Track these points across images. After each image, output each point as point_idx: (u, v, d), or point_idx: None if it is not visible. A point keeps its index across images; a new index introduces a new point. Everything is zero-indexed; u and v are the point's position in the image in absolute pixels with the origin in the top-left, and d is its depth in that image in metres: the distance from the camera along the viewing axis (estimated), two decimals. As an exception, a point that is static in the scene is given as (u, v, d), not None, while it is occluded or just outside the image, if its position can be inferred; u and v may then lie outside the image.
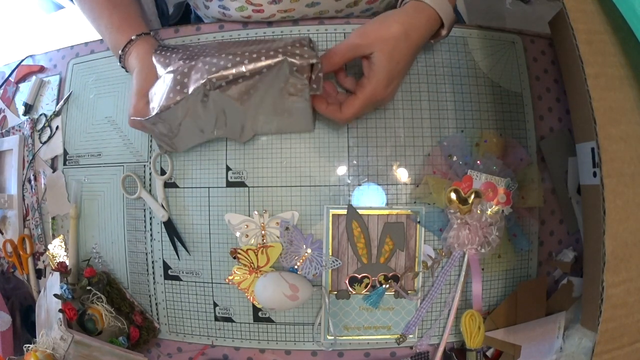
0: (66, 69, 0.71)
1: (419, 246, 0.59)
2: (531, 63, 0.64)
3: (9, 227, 0.73)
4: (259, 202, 0.60)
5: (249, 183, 0.61)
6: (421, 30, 0.52)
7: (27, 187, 0.72)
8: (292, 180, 0.60)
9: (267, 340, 0.62)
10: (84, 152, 0.68)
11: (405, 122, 0.60)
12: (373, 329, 0.61)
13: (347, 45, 0.52)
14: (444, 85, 0.61)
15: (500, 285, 0.61)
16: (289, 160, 0.60)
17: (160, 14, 0.91)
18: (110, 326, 0.61)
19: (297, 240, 0.59)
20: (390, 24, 0.51)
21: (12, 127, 0.74)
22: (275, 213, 0.60)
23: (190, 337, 0.64)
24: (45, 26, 1.25)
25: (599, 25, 0.46)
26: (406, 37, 0.50)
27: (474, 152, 0.59)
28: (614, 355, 0.45)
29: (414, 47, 0.52)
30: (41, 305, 0.64)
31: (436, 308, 0.61)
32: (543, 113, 0.63)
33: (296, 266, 0.59)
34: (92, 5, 0.60)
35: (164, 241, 0.64)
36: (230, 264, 0.61)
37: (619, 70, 0.46)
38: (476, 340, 0.58)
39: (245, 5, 0.60)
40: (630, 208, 0.44)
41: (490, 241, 0.57)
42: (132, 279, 0.66)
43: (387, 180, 0.60)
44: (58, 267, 0.64)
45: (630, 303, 0.45)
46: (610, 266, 0.43)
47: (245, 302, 0.62)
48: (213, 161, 0.62)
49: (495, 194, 0.57)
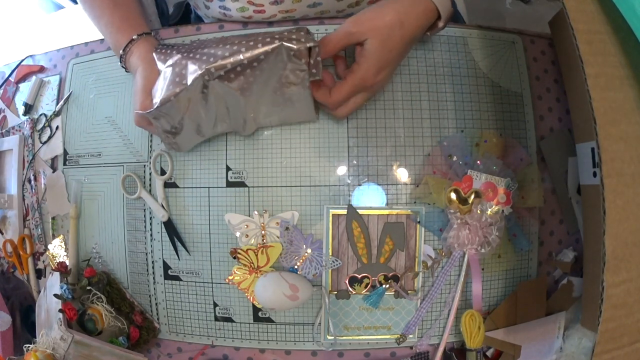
0: (66, 69, 0.71)
1: (419, 246, 0.59)
2: (531, 63, 0.64)
3: (9, 227, 0.73)
4: (259, 202, 0.60)
5: (249, 183, 0.61)
6: (417, 21, 0.51)
7: (27, 187, 0.72)
8: (292, 180, 0.60)
9: (267, 340, 0.62)
10: (84, 152, 0.68)
11: (405, 122, 0.60)
12: (373, 329, 0.61)
13: (341, 33, 0.52)
14: (444, 85, 0.61)
15: (500, 285, 0.61)
16: (289, 160, 0.60)
17: (160, 14, 0.90)
18: (110, 326, 0.61)
19: (297, 240, 0.59)
20: (386, 12, 0.50)
21: (12, 127, 0.74)
22: (275, 213, 0.60)
23: (190, 337, 0.64)
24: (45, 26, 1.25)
25: (599, 25, 0.46)
26: (400, 26, 0.50)
27: (474, 152, 0.59)
28: (613, 355, 0.45)
29: (409, 36, 0.52)
30: (41, 305, 0.64)
31: (436, 308, 0.61)
32: (543, 113, 0.63)
33: (296, 266, 0.59)
34: (94, 4, 0.60)
35: (164, 241, 0.64)
36: (230, 264, 0.61)
37: (619, 70, 0.46)
38: (476, 340, 0.58)
39: (247, 5, 0.60)
40: (631, 208, 0.44)
41: (490, 241, 0.57)
42: (132, 279, 0.66)
43: (387, 180, 0.60)
44: (58, 267, 0.64)
45: (630, 303, 0.45)
46: (610, 266, 0.43)
47: (245, 302, 0.62)
48: (213, 161, 0.62)
49: (495, 194, 0.57)
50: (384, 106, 0.60)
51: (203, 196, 0.62)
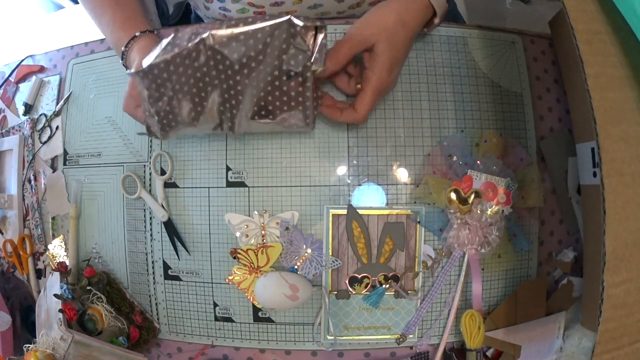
0: (66, 69, 0.71)
1: (419, 246, 0.59)
2: (531, 63, 0.64)
3: (9, 227, 0.73)
4: (259, 202, 0.60)
5: (249, 183, 0.61)
6: (416, 18, 0.53)
7: (27, 187, 0.72)
8: (292, 180, 0.60)
9: (267, 340, 0.62)
10: (84, 152, 0.68)
11: (405, 122, 0.60)
12: (373, 329, 0.61)
13: (349, 40, 0.52)
14: (444, 85, 0.61)
15: (500, 285, 0.61)
16: (289, 160, 0.60)
17: (160, 14, 0.91)
18: (110, 326, 0.61)
19: (297, 240, 0.59)
20: (387, 13, 0.52)
21: (12, 127, 0.74)
22: (275, 213, 0.60)
23: (190, 337, 0.64)
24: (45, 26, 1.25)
25: (599, 25, 0.46)
26: (403, 25, 0.52)
27: (474, 152, 0.59)
28: (613, 355, 0.45)
29: (411, 33, 0.53)
30: (41, 305, 0.64)
31: (436, 308, 0.61)
32: (543, 113, 0.63)
33: (296, 266, 0.59)
34: (95, 2, 0.60)
35: (164, 241, 0.64)
36: (230, 264, 0.61)
37: (619, 70, 0.46)
38: (476, 340, 0.58)
39: (247, 7, 0.60)
40: (631, 208, 0.44)
41: (490, 241, 0.57)
42: (132, 279, 0.66)
43: (387, 180, 0.60)
44: (58, 267, 0.64)
45: (630, 303, 0.45)
46: (610, 266, 0.43)
47: (245, 302, 0.62)
48: (213, 161, 0.62)
49: (495, 194, 0.57)
50: (384, 106, 0.60)
51: (203, 196, 0.62)
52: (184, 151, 0.62)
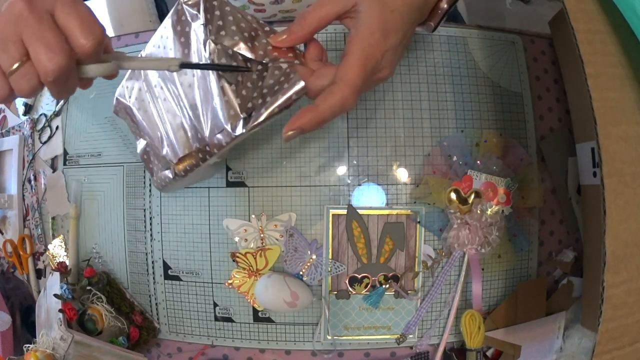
0: (66, 69, 0.71)
1: (419, 246, 0.59)
2: (531, 63, 0.64)
3: (9, 227, 0.73)
4: (259, 202, 0.60)
5: (249, 183, 0.61)
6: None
7: (27, 187, 0.72)
8: (292, 180, 0.60)
9: (267, 340, 0.62)
10: (84, 152, 0.68)
11: (405, 122, 0.60)
12: (373, 329, 0.61)
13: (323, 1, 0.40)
14: (444, 85, 0.61)
15: (500, 285, 0.61)
16: (289, 160, 0.60)
17: (160, 14, 0.90)
18: (110, 326, 0.61)
19: (301, 247, 0.59)
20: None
21: (12, 127, 0.74)
22: (275, 213, 0.60)
23: (190, 337, 0.64)
24: (45, 26, 1.24)
25: (599, 25, 0.46)
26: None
27: (474, 152, 0.59)
28: (614, 355, 0.45)
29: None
30: (41, 305, 0.64)
31: (436, 308, 0.61)
32: (543, 113, 0.63)
33: (301, 272, 0.59)
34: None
35: (164, 241, 0.64)
36: (231, 264, 0.61)
37: (619, 70, 0.46)
38: (476, 340, 0.58)
39: (247, 4, 0.60)
40: (631, 208, 0.44)
41: (490, 241, 0.57)
42: (132, 279, 0.66)
43: (387, 180, 0.60)
44: (58, 267, 0.64)
45: (630, 303, 0.45)
46: (610, 266, 0.43)
47: (245, 302, 0.62)
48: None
49: (495, 194, 0.57)
50: (384, 106, 0.60)
51: (203, 196, 0.62)
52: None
